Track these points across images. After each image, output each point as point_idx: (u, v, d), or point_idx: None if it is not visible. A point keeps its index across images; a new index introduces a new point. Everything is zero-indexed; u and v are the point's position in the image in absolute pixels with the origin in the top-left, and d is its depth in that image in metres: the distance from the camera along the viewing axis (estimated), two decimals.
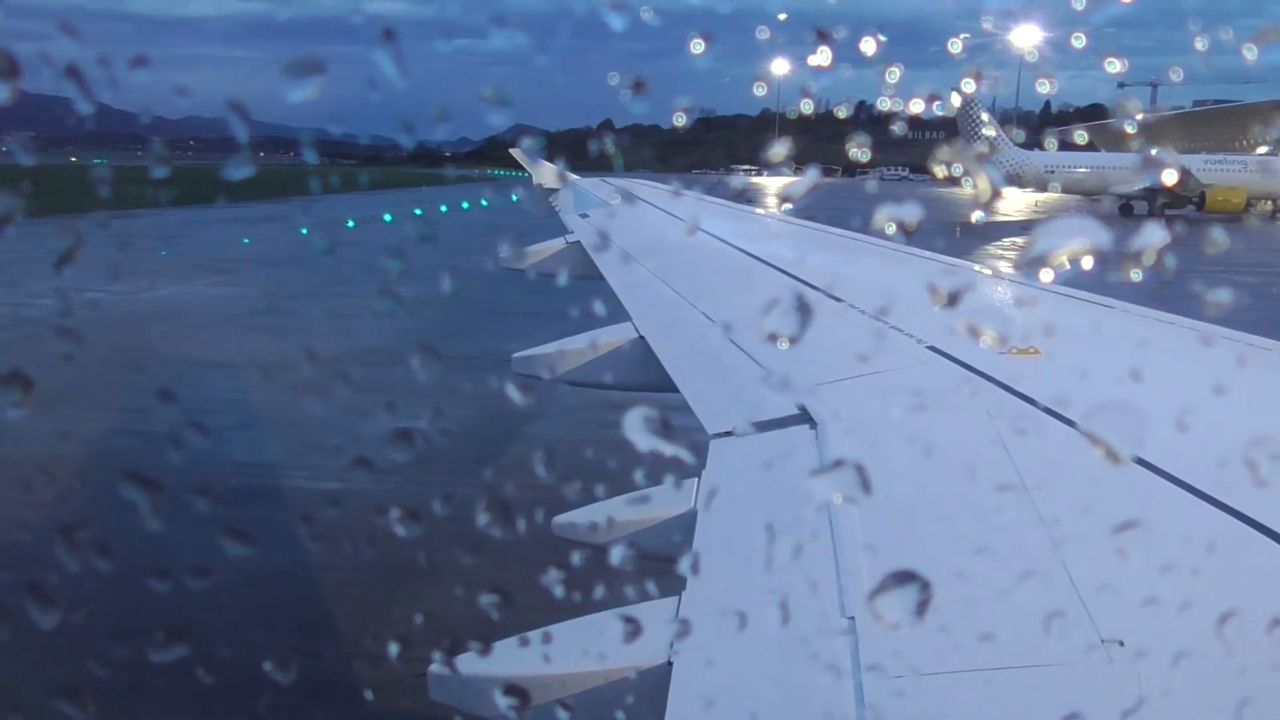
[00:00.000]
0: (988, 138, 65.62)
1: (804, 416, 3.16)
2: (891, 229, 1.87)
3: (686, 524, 2.56)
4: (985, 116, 62.09)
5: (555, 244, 9.47)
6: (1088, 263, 1.67)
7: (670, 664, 1.93)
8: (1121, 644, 1.75)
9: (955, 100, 2.50)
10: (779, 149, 2.07)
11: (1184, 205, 63.14)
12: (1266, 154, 67.00)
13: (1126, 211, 59.60)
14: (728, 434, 3.22)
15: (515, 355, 5.62)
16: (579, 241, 9.17)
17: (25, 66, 1.48)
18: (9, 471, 10.69)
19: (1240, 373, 3.52)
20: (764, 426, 3.18)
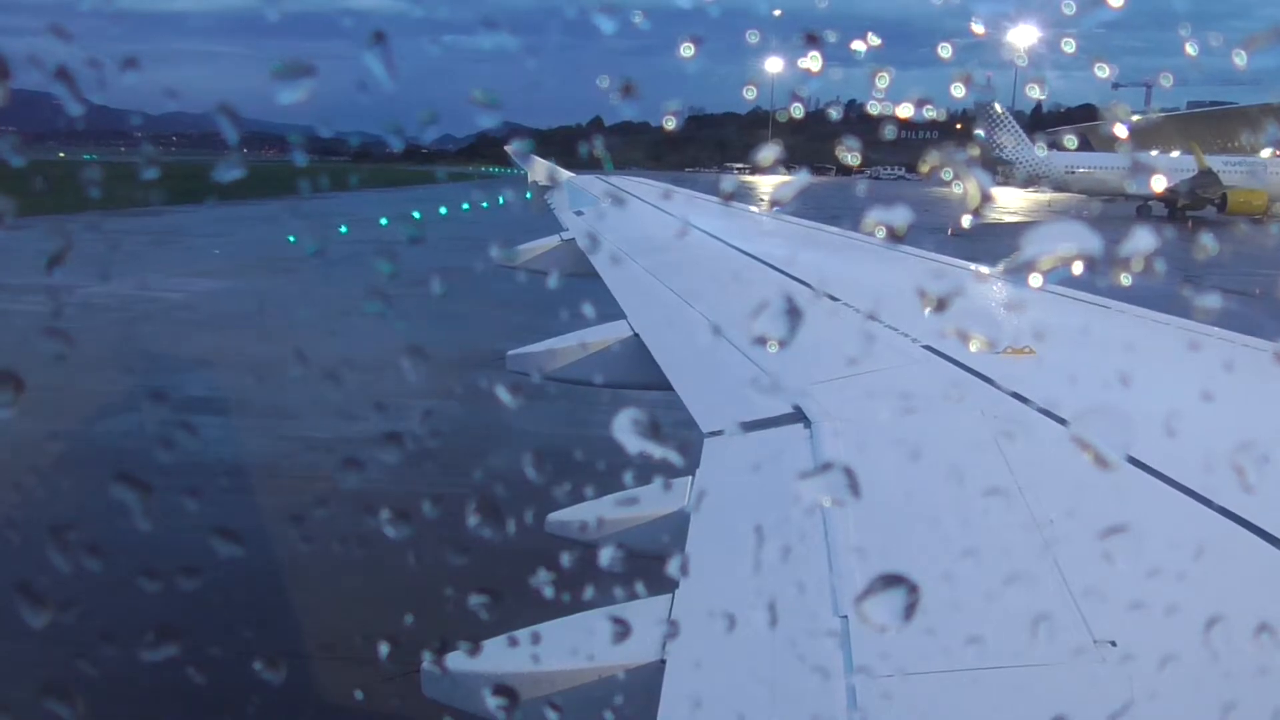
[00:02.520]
0: (1007, 139, 65.31)
1: (799, 416, 3.16)
2: (893, 229, 1.87)
3: (681, 523, 2.56)
4: (999, 109, 61.54)
5: (550, 242, 9.46)
6: (1136, 266, 1.67)
7: (663, 662, 1.93)
8: (1114, 644, 1.75)
9: (962, 96, 2.49)
10: (772, 148, 2.07)
11: (1202, 206, 62.53)
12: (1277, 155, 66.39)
13: (1144, 213, 58.96)
14: (722, 433, 3.22)
15: (510, 353, 5.61)
16: (574, 239, 9.16)
17: (9, 63, 1.47)
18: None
19: (1237, 374, 3.53)
20: (758, 426, 3.18)
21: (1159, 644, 1.74)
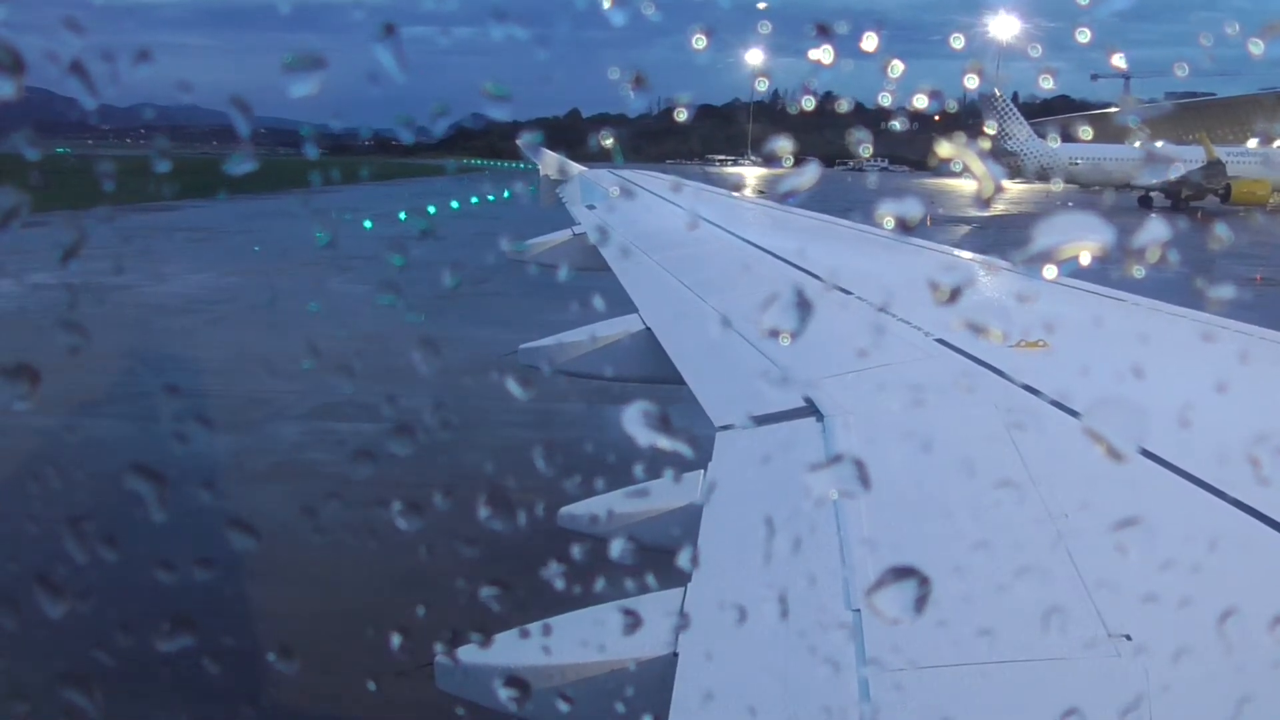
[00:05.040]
0: (1015, 130, 65.13)
1: (811, 409, 3.16)
2: (886, 219, 1.86)
3: (693, 516, 2.56)
4: (1000, 96, 61.37)
5: (562, 235, 9.46)
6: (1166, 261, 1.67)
7: (676, 655, 1.93)
8: (1129, 639, 1.74)
9: (944, 89, 2.47)
10: (761, 141, 2.06)
11: (1203, 197, 62.71)
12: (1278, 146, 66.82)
13: (1145, 204, 59.07)
14: (734, 427, 3.21)
15: (522, 346, 5.61)
16: (586, 233, 9.16)
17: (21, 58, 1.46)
18: None
19: (1252, 366, 3.51)
20: (770, 419, 3.18)
21: (1174, 638, 1.74)
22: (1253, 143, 70.07)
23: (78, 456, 10.66)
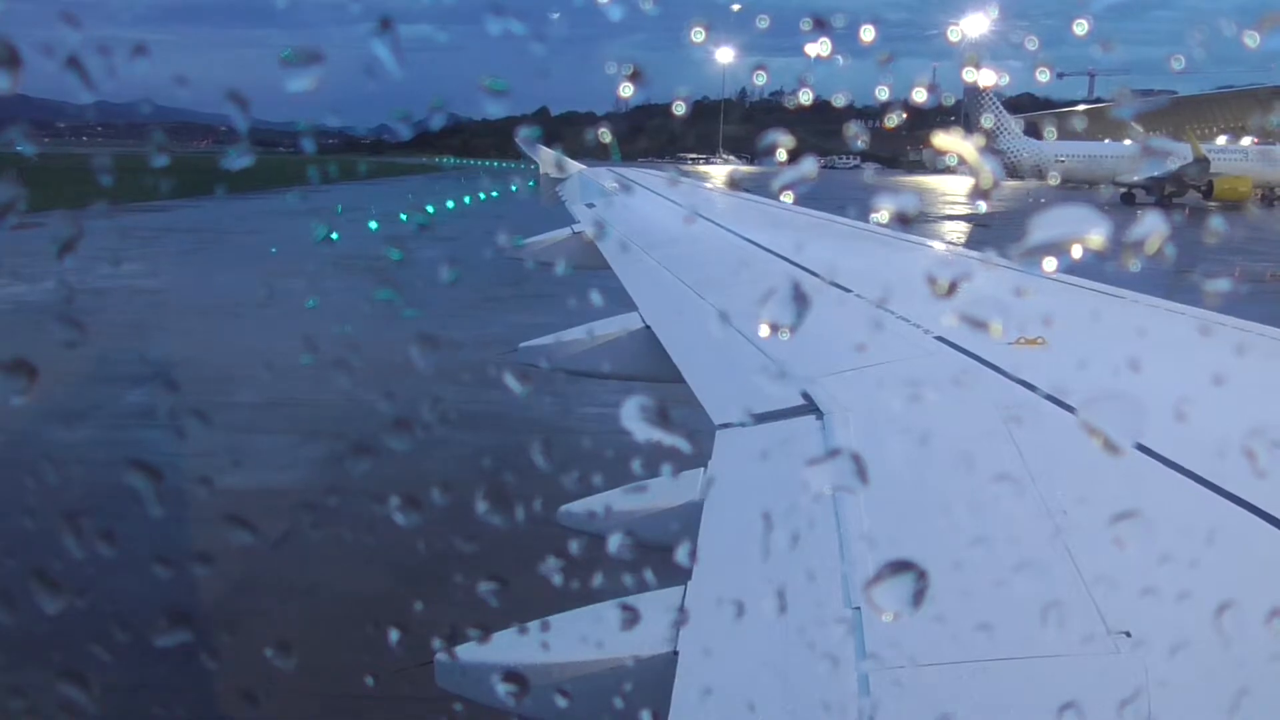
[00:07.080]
0: (999, 128, 65.62)
1: (810, 407, 3.16)
2: (890, 218, 1.87)
3: (693, 514, 2.56)
4: (988, 92, 61.87)
5: (562, 234, 9.46)
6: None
7: (676, 653, 1.93)
8: (1128, 635, 1.74)
9: (917, 86, 2.46)
10: (748, 140, 2.06)
11: (1185, 193, 63.52)
12: (1263, 144, 67.67)
13: (1129, 200, 59.63)
14: (734, 424, 3.21)
15: (522, 345, 5.60)
16: (584, 231, 9.15)
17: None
18: None
19: (1251, 362, 3.51)
20: (770, 417, 3.18)
21: (1173, 634, 1.74)
22: (1221, 140, 70.96)
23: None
